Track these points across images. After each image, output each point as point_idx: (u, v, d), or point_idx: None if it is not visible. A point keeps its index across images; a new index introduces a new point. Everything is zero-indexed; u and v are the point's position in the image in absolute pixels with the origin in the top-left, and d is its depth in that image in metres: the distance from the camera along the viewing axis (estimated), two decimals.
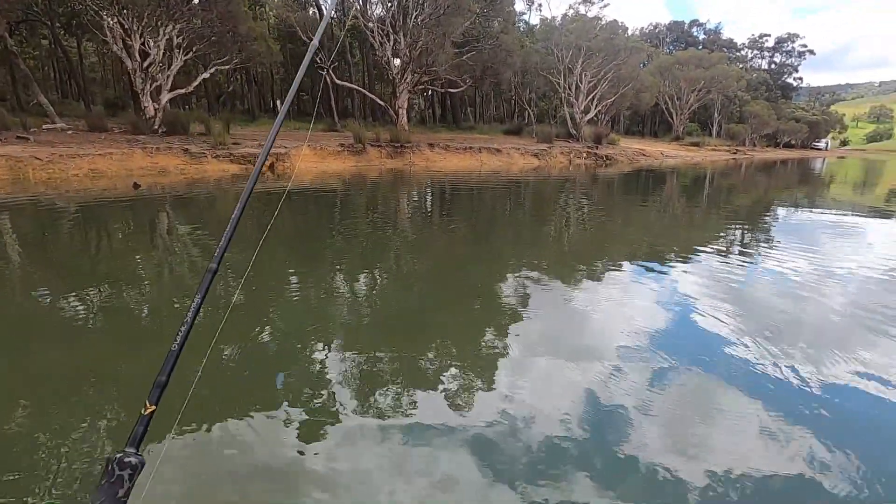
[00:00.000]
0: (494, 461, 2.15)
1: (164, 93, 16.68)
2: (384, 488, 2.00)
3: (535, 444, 2.27)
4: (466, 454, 2.20)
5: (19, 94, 21.83)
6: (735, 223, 9.03)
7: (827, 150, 69.53)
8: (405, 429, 2.37)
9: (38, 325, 3.65)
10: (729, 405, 2.66)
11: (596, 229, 8.43)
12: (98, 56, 35.86)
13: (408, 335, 3.60)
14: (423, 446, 2.25)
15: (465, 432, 2.35)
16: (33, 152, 12.65)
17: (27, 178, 11.85)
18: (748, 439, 2.37)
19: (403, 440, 2.29)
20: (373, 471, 2.09)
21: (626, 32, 31.57)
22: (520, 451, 2.23)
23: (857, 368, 3.06)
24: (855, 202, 13.35)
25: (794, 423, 2.49)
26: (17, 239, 6.53)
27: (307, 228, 7.93)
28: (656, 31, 63.37)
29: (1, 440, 2.27)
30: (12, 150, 12.59)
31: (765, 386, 2.83)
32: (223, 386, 2.79)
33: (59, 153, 12.94)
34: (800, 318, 3.94)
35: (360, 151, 18.63)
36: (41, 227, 7.22)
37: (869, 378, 2.95)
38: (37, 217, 7.90)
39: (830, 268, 5.41)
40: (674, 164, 28.31)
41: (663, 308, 4.07)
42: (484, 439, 2.30)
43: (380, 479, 2.05)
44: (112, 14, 14.42)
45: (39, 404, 2.59)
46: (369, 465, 2.13)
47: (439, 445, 2.25)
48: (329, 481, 2.04)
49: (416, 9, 21.28)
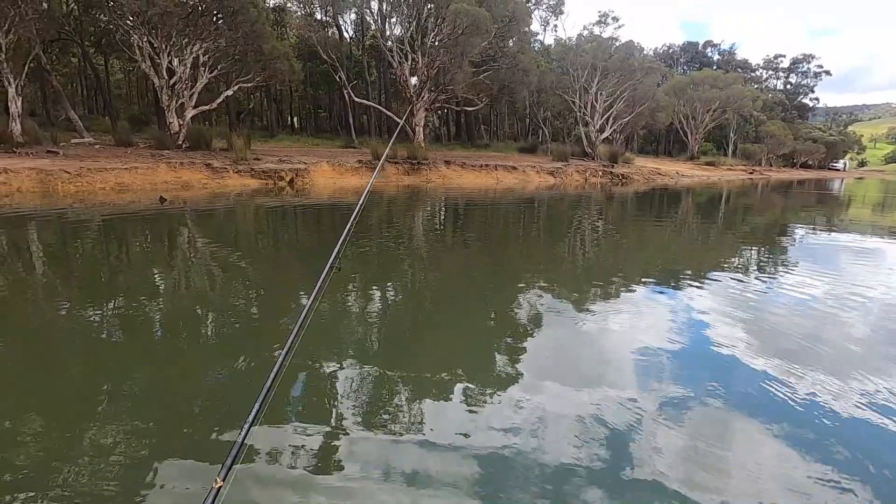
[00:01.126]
0: (501, 484, 2.13)
1: (189, 109, 17.11)
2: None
3: (544, 468, 2.24)
4: (473, 474, 2.19)
5: (49, 110, 22.55)
6: (756, 244, 8.94)
7: (845, 171, 68.77)
8: (412, 447, 2.37)
9: (93, 334, 3.72)
10: (745, 434, 2.60)
11: (615, 248, 8.39)
12: (123, 73, 36.98)
13: (418, 352, 3.61)
14: (429, 466, 2.24)
15: (473, 452, 2.34)
16: (63, 166, 13.01)
17: (56, 191, 12.17)
18: (765, 468, 2.32)
19: (410, 458, 2.28)
20: (377, 489, 2.09)
21: (643, 53, 31.78)
22: (527, 473, 2.21)
23: (877, 397, 2.99)
24: (875, 223, 13.15)
25: (813, 453, 2.43)
26: (61, 250, 6.70)
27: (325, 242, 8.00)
28: (670, 52, 63.68)
29: (18, 450, 2.28)
30: (43, 164, 12.97)
31: (783, 415, 2.77)
32: (233, 397, 2.82)
33: (88, 167, 13.29)
34: (822, 343, 3.87)
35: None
36: (79, 240, 7.38)
37: (893, 402, 2.91)
38: (74, 229, 8.08)
39: (851, 292, 5.31)
40: (690, 184, 28.17)
41: (685, 333, 4.00)
42: (492, 461, 2.28)
43: (383, 497, 2.05)
44: (143, 34, 14.90)
45: (58, 415, 2.60)
46: (374, 482, 2.13)
47: (445, 466, 2.24)
48: (335, 497, 2.04)
49: (435, 29, 21.69)
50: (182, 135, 16.81)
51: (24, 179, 12.14)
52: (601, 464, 2.29)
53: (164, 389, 2.91)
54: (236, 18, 15.73)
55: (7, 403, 2.69)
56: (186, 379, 3.06)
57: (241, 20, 15.75)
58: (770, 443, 2.53)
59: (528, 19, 25.07)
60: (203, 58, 16.60)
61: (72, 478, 2.11)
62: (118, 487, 2.06)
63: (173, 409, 2.69)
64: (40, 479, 2.10)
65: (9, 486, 2.05)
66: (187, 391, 2.91)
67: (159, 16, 14.09)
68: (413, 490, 2.08)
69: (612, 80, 27.66)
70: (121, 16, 15.34)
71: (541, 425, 2.59)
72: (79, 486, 2.06)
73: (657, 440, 2.49)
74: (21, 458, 2.22)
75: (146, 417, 2.56)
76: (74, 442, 2.35)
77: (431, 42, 21.61)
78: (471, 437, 2.48)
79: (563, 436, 2.49)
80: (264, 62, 17.49)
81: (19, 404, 2.69)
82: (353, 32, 31.47)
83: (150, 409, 2.66)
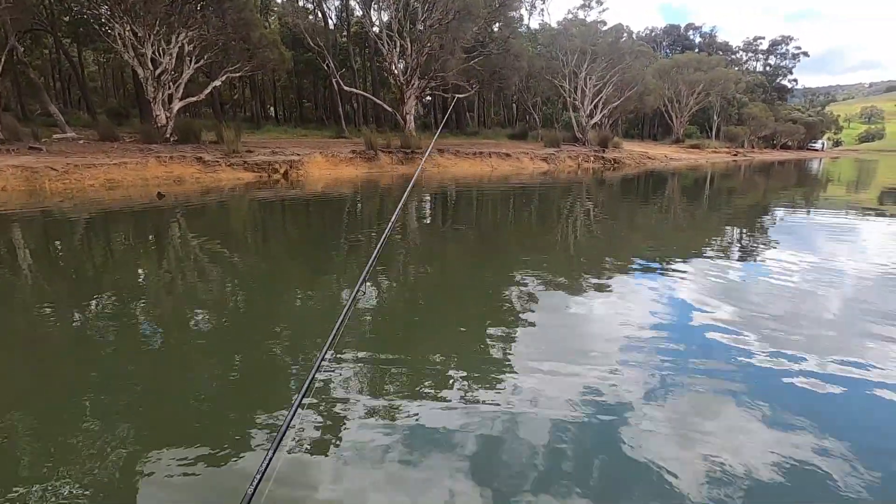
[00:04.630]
0: (499, 471, 2.17)
1: (176, 101, 16.54)
2: (385, 497, 2.03)
3: (542, 453, 2.28)
4: (471, 461, 2.22)
5: (24, 104, 21.63)
6: (756, 223, 9.06)
7: (822, 151, 70.12)
8: (409, 435, 2.40)
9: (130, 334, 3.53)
10: (733, 409, 2.69)
11: (629, 228, 8.38)
12: (97, 65, 35.67)
13: (421, 340, 3.66)
14: (427, 453, 2.27)
15: (471, 438, 2.38)
16: (48, 163, 12.47)
17: (43, 189, 11.66)
18: (753, 442, 2.40)
19: (407, 447, 2.31)
20: (374, 479, 2.11)
21: (631, 36, 31.71)
22: (526, 460, 2.23)
23: (859, 369, 3.12)
24: (853, 201, 13.45)
25: (799, 424, 2.53)
26: (68, 248, 6.39)
27: (332, 233, 7.82)
28: (653, 35, 63.82)
29: (10, 449, 2.31)
30: (27, 161, 12.41)
31: (772, 389, 2.88)
32: (232, 391, 2.85)
33: (74, 163, 12.76)
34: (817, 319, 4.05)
35: (371, 158, 18.54)
36: (86, 240, 7.07)
37: (870, 376, 3.04)
38: (85, 228, 7.75)
39: (838, 267, 5.62)
40: (678, 167, 28.44)
41: (689, 316, 4.06)
42: (489, 447, 2.31)
43: (380, 487, 2.08)
44: (125, 23, 14.28)
45: (48, 413, 2.62)
46: (372, 471, 2.16)
47: (443, 452, 2.27)
48: (334, 486, 2.07)
49: (424, 14, 21.27)
50: (170, 128, 16.26)
51: (10, 178, 11.60)
52: (598, 444, 2.35)
53: (179, 388, 2.77)
54: (223, 5, 15.16)
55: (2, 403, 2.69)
56: (203, 376, 3.03)
57: (227, 7, 15.19)
58: (757, 412, 2.63)
59: (518, 3, 24.74)
60: (188, 47, 16.01)
61: (70, 477, 2.11)
62: (115, 485, 2.08)
63: (177, 407, 2.67)
64: (39, 478, 2.11)
65: (8, 483, 2.06)
66: (198, 389, 2.91)
67: (143, 2, 13.49)
68: (407, 480, 2.10)
69: (600, 65, 27.58)
70: (100, 3, 14.67)
71: (539, 409, 2.64)
72: (78, 484, 2.07)
73: (653, 418, 2.56)
74: (19, 458, 2.24)
75: (145, 416, 2.58)
76: (71, 441, 2.36)
77: (422, 27, 21.19)
78: (469, 420, 2.52)
79: (560, 421, 2.53)
80: (252, 51, 16.94)
81: (17, 404, 2.69)
82: (337, 19, 30.77)
83: (150, 407, 2.69)
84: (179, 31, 15.17)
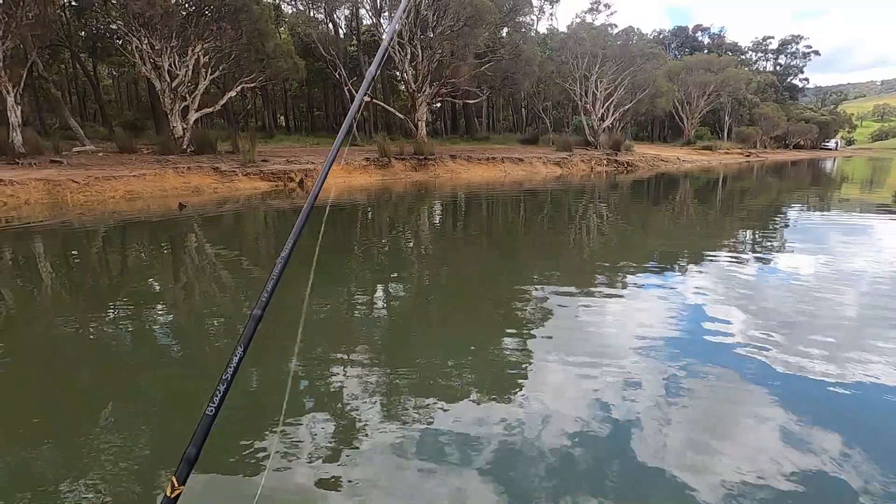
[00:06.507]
0: (512, 476, 2.15)
1: (192, 112, 16.72)
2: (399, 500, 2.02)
3: (554, 459, 2.25)
4: (483, 467, 2.19)
5: (43, 119, 21.99)
6: (771, 224, 8.93)
7: (837, 150, 69.23)
8: (421, 441, 2.39)
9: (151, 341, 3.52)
10: (750, 415, 2.64)
11: (648, 232, 8.29)
12: (112, 79, 36.25)
13: (434, 345, 3.66)
14: (439, 459, 2.25)
15: (483, 444, 2.36)
16: (69, 175, 12.64)
17: (66, 202, 11.80)
18: (767, 447, 2.34)
19: (419, 452, 2.30)
20: (387, 484, 2.11)
21: (642, 38, 31.61)
22: (538, 466, 2.21)
23: (878, 373, 3.05)
24: (867, 201, 13.26)
25: (814, 428, 2.47)
26: (100, 260, 6.44)
27: (351, 241, 7.80)
28: (661, 37, 63.55)
29: (31, 458, 2.31)
30: (49, 174, 12.58)
31: (790, 394, 2.82)
32: (251, 401, 2.83)
33: (95, 176, 12.92)
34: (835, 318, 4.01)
35: (385, 165, 18.58)
36: (116, 252, 7.12)
37: (889, 380, 2.97)
38: (107, 238, 7.81)
39: (854, 269, 5.55)
40: (691, 169, 28.21)
41: (705, 321, 4.00)
42: (502, 453, 2.29)
43: (393, 492, 2.08)
44: (142, 36, 14.49)
45: (68, 422, 2.63)
46: (385, 476, 2.16)
47: (456, 459, 2.26)
48: (345, 493, 2.06)
49: (435, 21, 21.34)
50: (186, 139, 16.43)
51: (32, 191, 11.76)
52: (610, 448, 2.32)
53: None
54: (238, 16, 15.33)
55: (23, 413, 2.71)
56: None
57: (243, 18, 15.36)
58: (771, 416, 2.59)
59: (530, 8, 24.75)
60: (204, 59, 16.20)
61: (90, 487, 2.11)
62: (134, 495, 2.08)
63: (196, 416, 2.56)
64: (61, 487, 2.11)
65: (29, 492, 2.07)
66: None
67: (161, 16, 13.68)
68: (420, 486, 2.08)
69: (611, 68, 27.49)
70: (118, 17, 14.90)
71: (552, 414, 2.61)
72: (98, 493, 2.07)
73: (666, 421, 2.53)
74: (41, 467, 2.25)
75: (164, 426, 2.58)
76: (92, 450, 2.35)
77: (433, 34, 21.26)
78: (483, 426, 2.50)
79: (573, 428, 2.49)
80: (266, 61, 17.10)
81: (37, 413, 2.72)
82: (347, 28, 31.01)
83: (168, 416, 2.71)
84: (195, 44, 15.35)
